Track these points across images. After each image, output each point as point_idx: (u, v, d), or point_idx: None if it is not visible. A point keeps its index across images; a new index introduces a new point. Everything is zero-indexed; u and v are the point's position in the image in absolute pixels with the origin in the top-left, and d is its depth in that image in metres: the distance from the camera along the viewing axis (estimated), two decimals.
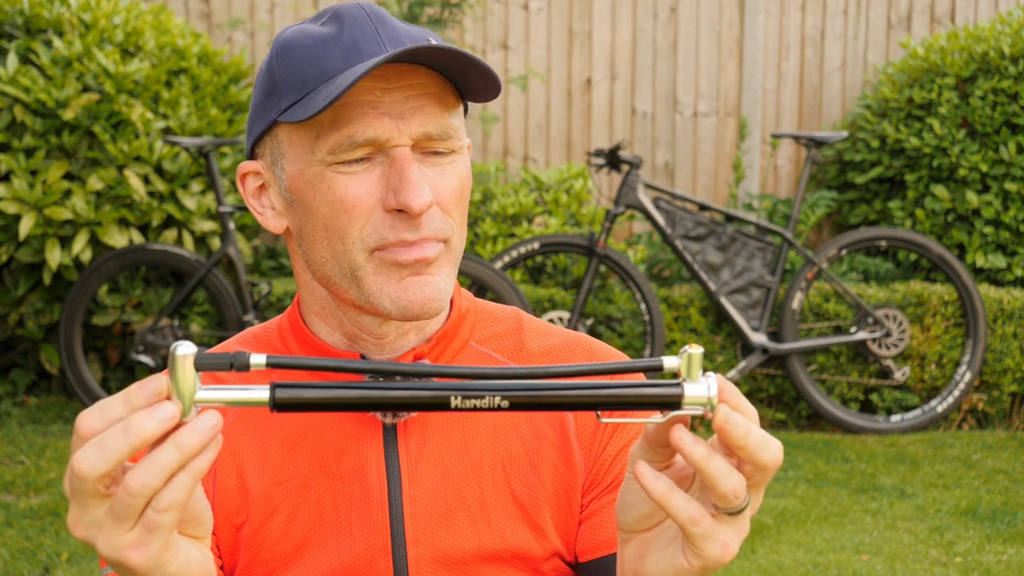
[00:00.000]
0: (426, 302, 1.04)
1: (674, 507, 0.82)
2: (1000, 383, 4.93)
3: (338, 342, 1.14)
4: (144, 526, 0.77)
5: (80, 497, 0.77)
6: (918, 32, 6.14)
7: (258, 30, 5.80)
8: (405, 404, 0.80)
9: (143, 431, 0.75)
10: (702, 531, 0.83)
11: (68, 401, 4.90)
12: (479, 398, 0.79)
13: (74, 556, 3.35)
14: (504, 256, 4.67)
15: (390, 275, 1.04)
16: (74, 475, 0.75)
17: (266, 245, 5.62)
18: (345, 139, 1.01)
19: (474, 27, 5.86)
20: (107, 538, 0.77)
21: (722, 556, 0.84)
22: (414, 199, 1.01)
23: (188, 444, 0.76)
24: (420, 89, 1.03)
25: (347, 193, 1.03)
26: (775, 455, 0.83)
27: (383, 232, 1.03)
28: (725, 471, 0.81)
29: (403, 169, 1.02)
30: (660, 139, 5.99)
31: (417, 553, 1.09)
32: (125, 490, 0.75)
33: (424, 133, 1.03)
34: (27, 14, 4.58)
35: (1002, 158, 5.10)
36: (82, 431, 0.77)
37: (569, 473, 1.14)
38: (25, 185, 4.37)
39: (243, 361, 0.77)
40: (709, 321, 4.95)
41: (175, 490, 0.76)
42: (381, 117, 1.01)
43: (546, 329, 1.22)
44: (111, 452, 0.75)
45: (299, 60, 1.04)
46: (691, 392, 0.80)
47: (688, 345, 0.81)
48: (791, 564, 3.41)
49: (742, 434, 0.81)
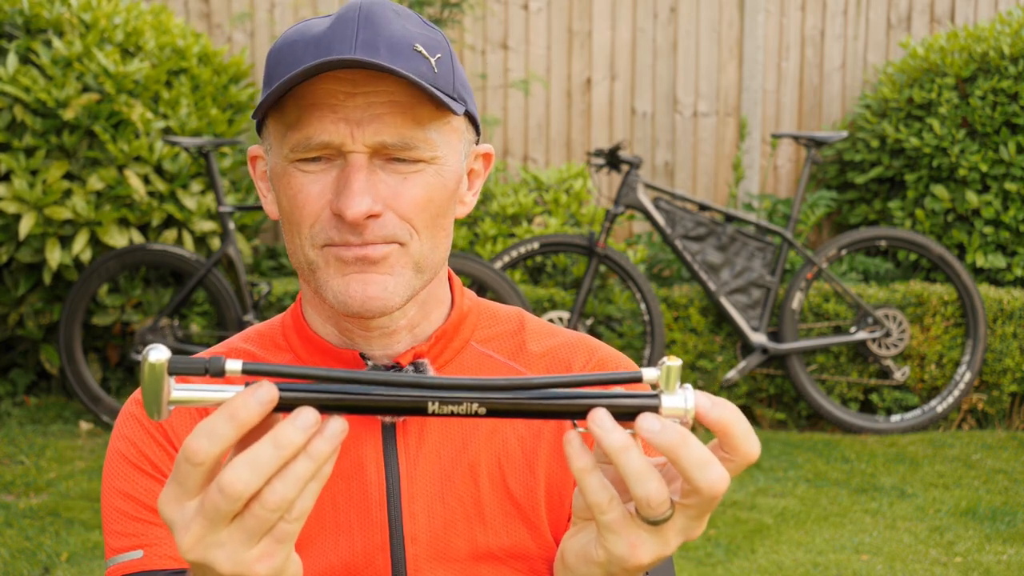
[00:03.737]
0: (367, 300, 1.05)
1: (587, 486, 0.79)
2: (1000, 383, 4.93)
3: (331, 335, 1.15)
4: (274, 537, 0.77)
5: (215, 518, 0.75)
6: (918, 32, 6.14)
7: (258, 30, 5.80)
8: (382, 408, 0.80)
9: (293, 444, 0.74)
10: (609, 522, 0.80)
11: (68, 401, 4.90)
12: (456, 404, 0.80)
13: (74, 556, 3.35)
14: (504, 256, 4.67)
15: (335, 270, 1.06)
16: (225, 497, 0.73)
17: (266, 245, 5.62)
18: (303, 139, 1.03)
19: (474, 27, 5.86)
20: (232, 555, 0.76)
21: (627, 557, 0.81)
22: (348, 207, 1.02)
23: (321, 453, 0.75)
24: (386, 97, 1.02)
25: (300, 191, 1.05)
26: (712, 482, 0.77)
27: (329, 232, 1.05)
28: (642, 473, 0.77)
29: (348, 176, 1.03)
30: (660, 139, 5.99)
31: (415, 551, 1.09)
32: (263, 506, 0.74)
33: (379, 142, 1.03)
34: (27, 14, 4.58)
35: (1002, 158, 5.10)
36: (197, 459, 0.74)
37: (563, 472, 1.14)
38: (25, 185, 4.37)
39: (218, 367, 0.77)
40: (709, 321, 4.95)
41: (307, 499, 0.76)
42: (338, 122, 1.02)
43: (548, 329, 1.22)
44: (265, 468, 0.74)
45: (282, 54, 1.06)
46: (668, 404, 0.79)
47: (667, 357, 0.80)
48: (791, 564, 3.42)
49: (672, 444, 0.76)
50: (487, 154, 1.20)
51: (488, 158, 1.20)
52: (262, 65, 5.78)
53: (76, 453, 4.31)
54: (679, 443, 0.77)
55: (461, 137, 1.11)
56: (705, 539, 3.62)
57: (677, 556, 3.45)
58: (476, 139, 1.17)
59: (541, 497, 1.13)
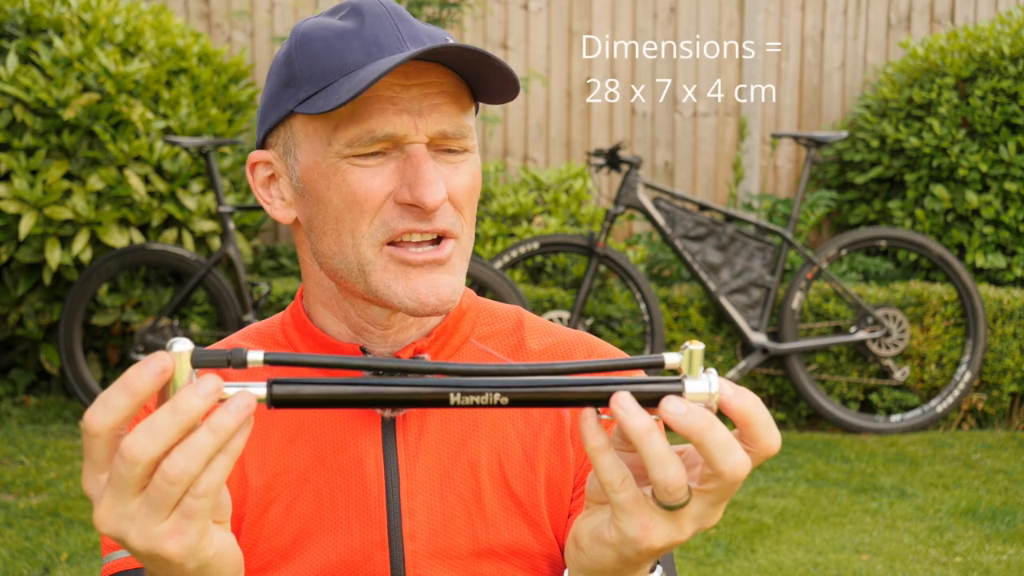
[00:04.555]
0: (441, 302, 1.06)
1: (601, 465, 0.78)
2: (1000, 383, 4.93)
3: (342, 333, 1.14)
4: (181, 513, 0.76)
5: (120, 486, 0.74)
6: (918, 32, 6.14)
7: (258, 29, 5.80)
8: (404, 401, 0.79)
9: (191, 409, 0.73)
10: (622, 501, 0.79)
11: (68, 401, 4.90)
12: (479, 395, 0.79)
13: (74, 556, 3.35)
14: (504, 256, 4.67)
15: (398, 273, 1.06)
16: (123, 461, 0.73)
17: (266, 245, 5.62)
18: (364, 133, 1.03)
19: (474, 27, 5.86)
20: (142, 530, 0.75)
21: (640, 539, 0.80)
22: (429, 195, 1.02)
23: (224, 426, 0.74)
24: (437, 87, 1.04)
25: (360, 185, 1.04)
26: (735, 466, 0.77)
27: (392, 223, 1.05)
28: (663, 457, 0.76)
29: (419, 165, 1.03)
30: (660, 139, 5.99)
31: (414, 548, 1.09)
32: (163, 477, 0.74)
33: (440, 131, 1.05)
34: (27, 14, 4.59)
35: (1002, 158, 5.10)
36: (92, 430, 0.74)
37: (562, 469, 1.14)
38: (25, 185, 4.37)
39: (240, 358, 0.76)
40: (709, 321, 4.95)
41: (213, 473, 0.75)
42: (400, 113, 1.03)
43: (547, 327, 1.23)
44: (161, 434, 0.73)
45: (319, 52, 1.05)
46: (692, 389, 0.79)
47: (689, 342, 0.80)
48: (791, 564, 3.41)
49: (700, 428, 0.76)
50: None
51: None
52: (262, 65, 5.80)
53: (76, 453, 4.31)
54: (706, 426, 0.76)
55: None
56: (705, 539, 3.62)
57: (677, 556, 3.45)
58: None
59: (542, 494, 1.13)
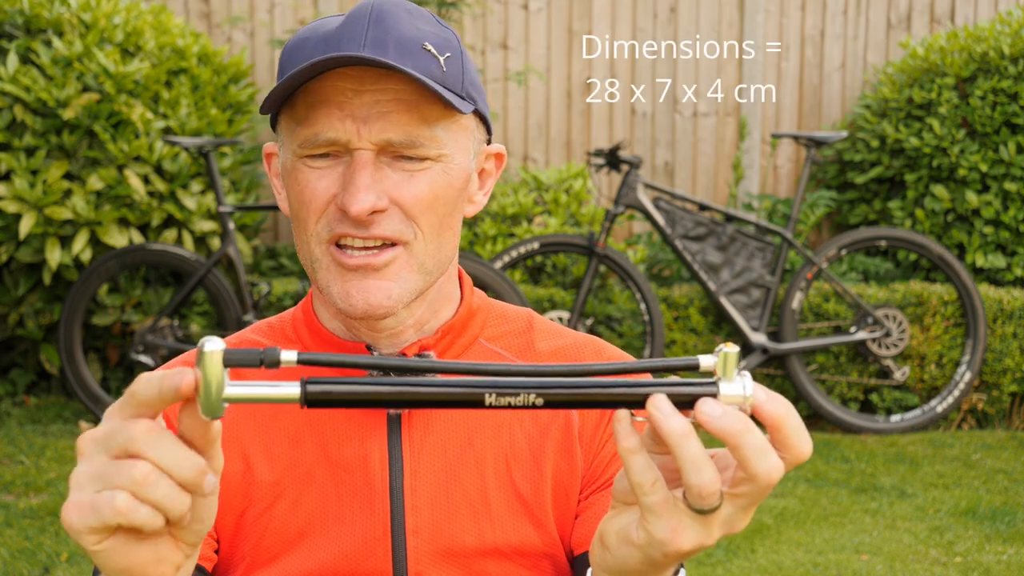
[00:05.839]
0: (369, 307, 1.07)
1: (632, 466, 0.78)
2: (1000, 383, 4.94)
3: (337, 329, 1.16)
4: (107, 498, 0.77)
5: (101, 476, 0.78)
6: (918, 32, 6.14)
7: (258, 30, 5.80)
8: (438, 401, 0.78)
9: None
10: (652, 503, 0.78)
11: (68, 401, 4.90)
12: (514, 395, 0.77)
13: (74, 556, 3.35)
14: (504, 256, 4.67)
15: (337, 274, 1.08)
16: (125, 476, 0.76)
17: (266, 245, 5.62)
18: (312, 136, 1.05)
19: (473, 26, 5.86)
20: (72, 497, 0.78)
21: (668, 541, 0.79)
22: (353, 204, 1.03)
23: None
24: (392, 95, 1.04)
25: (307, 187, 1.07)
26: (769, 469, 0.76)
27: (332, 226, 1.07)
28: (699, 460, 0.76)
29: (353, 172, 1.05)
30: (660, 139, 5.99)
31: (417, 544, 1.09)
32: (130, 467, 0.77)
33: (385, 139, 1.04)
34: (27, 14, 4.58)
35: (1002, 158, 5.10)
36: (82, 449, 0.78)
37: (569, 469, 1.14)
38: (25, 184, 4.37)
39: (274, 358, 0.74)
40: (709, 321, 4.95)
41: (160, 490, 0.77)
42: (345, 119, 1.04)
43: (556, 330, 1.23)
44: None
45: (292, 50, 1.08)
46: (727, 391, 0.78)
47: (724, 344, 0.79)
48: (791, 564, 3.41)
49: (736, 431, 0.75)
50: (499, 154, 1.21)
51: (500, 158, 1.21)
52: (262, 65, 5.81)
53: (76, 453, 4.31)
54: (742, 429, 0.76)
55: (470, 136, 1.12)
56: None
57: None
58: (487, 138, 1.17)
59: (548, 495, 1.13)
